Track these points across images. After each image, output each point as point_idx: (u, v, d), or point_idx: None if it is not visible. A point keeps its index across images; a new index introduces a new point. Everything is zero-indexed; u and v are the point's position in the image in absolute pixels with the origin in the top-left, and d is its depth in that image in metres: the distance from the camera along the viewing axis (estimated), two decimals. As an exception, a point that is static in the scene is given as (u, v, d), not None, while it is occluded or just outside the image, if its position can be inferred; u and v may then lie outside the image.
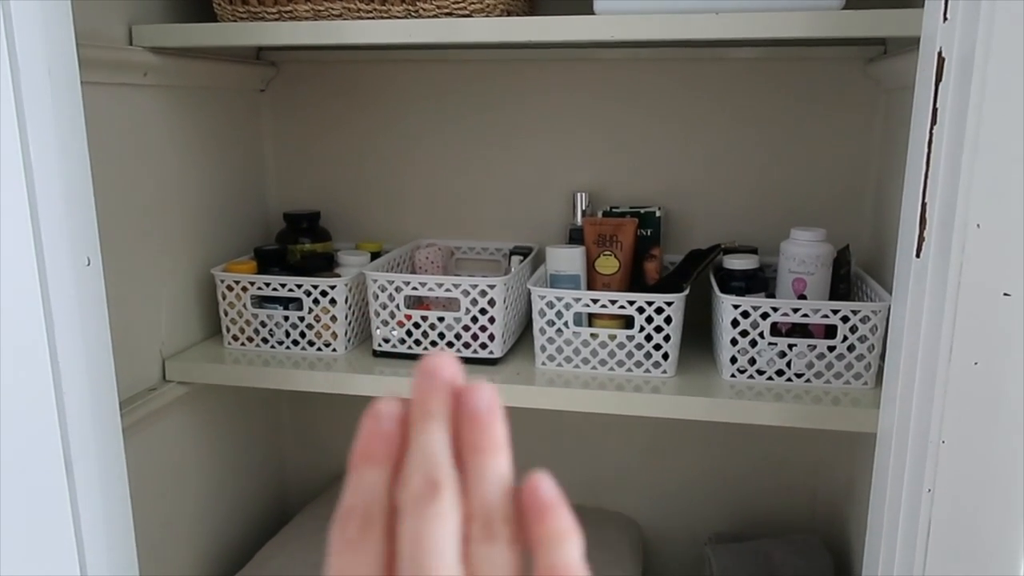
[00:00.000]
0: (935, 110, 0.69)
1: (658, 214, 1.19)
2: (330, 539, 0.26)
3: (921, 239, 0.71)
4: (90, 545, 0.71)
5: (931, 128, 0.69)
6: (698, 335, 1.12)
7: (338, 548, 0.26)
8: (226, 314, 1.13)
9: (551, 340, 1.04)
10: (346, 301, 1.10)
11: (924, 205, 0.71)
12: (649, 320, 1.00)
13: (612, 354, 1.03)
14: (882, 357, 0.89)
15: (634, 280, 1.13)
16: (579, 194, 1.22)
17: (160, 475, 1.11)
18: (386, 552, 0.25)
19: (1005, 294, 0.66)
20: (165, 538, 1.13)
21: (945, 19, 0.67)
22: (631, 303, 1.01)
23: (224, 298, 1.13)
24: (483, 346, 1.06)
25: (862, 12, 0.85)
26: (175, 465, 1.15)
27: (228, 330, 1.14)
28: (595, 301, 1.02)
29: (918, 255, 0.72)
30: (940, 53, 0.68)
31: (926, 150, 0.70)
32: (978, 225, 0.66)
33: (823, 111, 1.20)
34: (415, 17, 0.97)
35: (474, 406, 0.27)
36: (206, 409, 1.22)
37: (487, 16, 0.96)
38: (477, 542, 0.25)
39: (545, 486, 0.26)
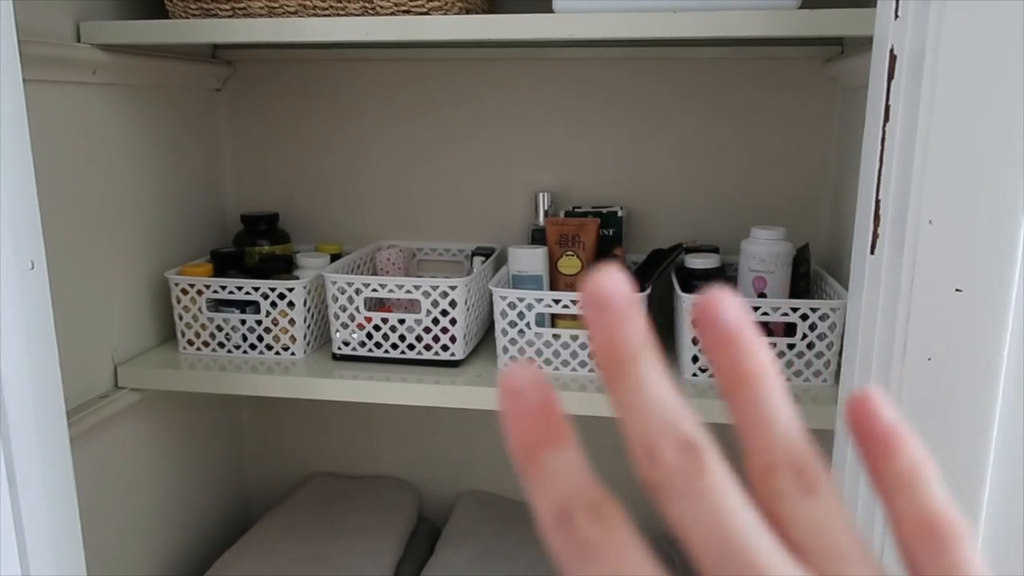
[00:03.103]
0: (887, 107, 0.69)
1: (620, 214, 1.19)
2: (554, 550, 0.19)
3: (875, 236, 0.72)
4: (35, 560, 0.69)
5: (884, 125, 0.70)
6: (660, 334, 1.12)
7: (575, 554, 0.19)
8: (181, 318, 1.11)
9: (513, 341, 1.04)
10: (305, 304, 1.08)
11: (878, 202, 0.71)
12: (611, 320, 1.00)
13: (575, 355, 1.03)
14: (841, 354, 0.89)
15: (596, 280, 1.13)
16: (541, 194, 1.21)
17: (113, 484, 1.08)
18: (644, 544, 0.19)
19: (957, 290, 0.67)
20: (119, 550, 1.10)
21: (896, 16, 0.68)
22: (593, 303, 1.00)
23: (179, 302, 1.10)
24: (444, 348, 1.05)
25: (817, 11, 0.86)
26: (129, 474, 1.12)
27: (183, 335, 1.11)
28: (557, 302, 1.02)
29: (872, 252, 0.73)
30: (892, 51, 0.69)
31: (879, 147, 0.71)
32: (930, 221, 0.67)
33: (783, 111, 1.20)
34: (372, 15, 0.96)
35: (720, 318, 0.19)
36: (161, 416, 1.19)
37: (445, 14, 0.95)
38: (794, 499, 0.19)
39: (878, 398, 0.19)
